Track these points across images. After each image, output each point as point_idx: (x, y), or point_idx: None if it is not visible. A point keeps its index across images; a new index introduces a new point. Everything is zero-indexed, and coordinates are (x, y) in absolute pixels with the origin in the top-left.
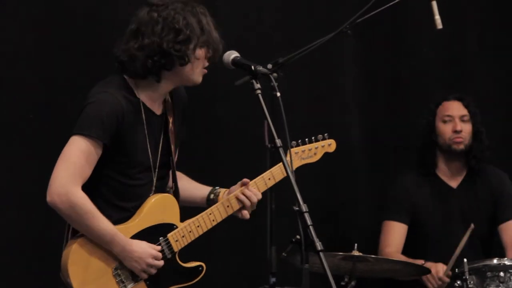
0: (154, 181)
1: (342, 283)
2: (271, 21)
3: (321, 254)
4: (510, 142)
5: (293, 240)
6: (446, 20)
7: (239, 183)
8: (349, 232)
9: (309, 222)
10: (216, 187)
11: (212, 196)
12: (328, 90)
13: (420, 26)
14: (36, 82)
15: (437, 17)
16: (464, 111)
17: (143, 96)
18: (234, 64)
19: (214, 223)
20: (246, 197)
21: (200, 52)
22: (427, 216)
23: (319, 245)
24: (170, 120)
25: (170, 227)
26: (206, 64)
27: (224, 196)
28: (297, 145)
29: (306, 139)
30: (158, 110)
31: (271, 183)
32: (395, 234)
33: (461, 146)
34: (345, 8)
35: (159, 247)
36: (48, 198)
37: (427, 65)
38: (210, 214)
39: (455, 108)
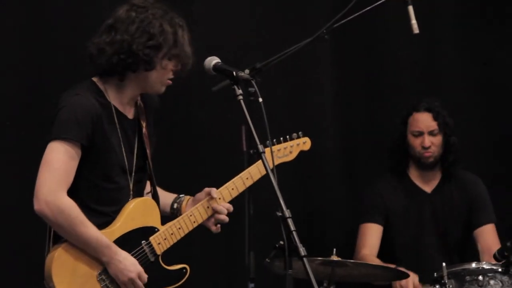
0: (131, 185)
1: None
2: (247, 26)
3: (305, 259)
4: (484, 144)
5: (277, 245)
6: (421, 22)
7: (204, 190)
8: (326, 237)
9: (292, 227)
10: (181, 195)
11: (175, 205)
12: (304, 95)
13: (395, 29)
14: (15, 87)
15: (414, 21)
16: (433, 125)
17: (113, 99)
18: (215, 70)
19: (195, 225)
20: (218, 212)
21: (168, 63)
22: (401, 220)
23: (302, 251)
24: (144, 125)
25: (152, 230)
26: (171, 76)
27: (189, 204)
28: (273, 144)
29: (281, 138)
30: (130, 114)
31: (249, 182)
32: (370, 235)
33: (431, 160)
34: (320, 12)
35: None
36: (36, 207)
37: (402, 68)
38: (191, 215)
39: (424, 122)
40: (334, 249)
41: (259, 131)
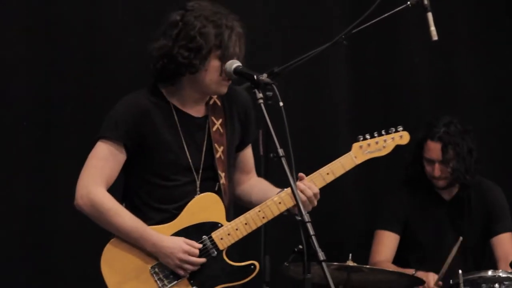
0: (198, 183)
1: None
2: (265, 30)
3: (323, 264)
4: (501, 153)
5: (296, 249)
6: (438, 31)
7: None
8: (343, 242)
9: (311, 232)
10: (285, 188)
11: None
12: (320, 101)
13: (411, 37)
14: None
15: (433, 28)
16: (442, 155)
17: (175, 100)
18: (236, 73)
19: (265, 221)
20: (300, 190)
21: (214, 64)
22: (419, 228)
23: (321, 255)
24: (217, 122)
25: (215, 225)
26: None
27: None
28: (364, 139)
29: (375, 133)
30: (196, 113)
31: (330, 178)
32: (386, 244)
33: (442, 186)
34: (337, 18)
35: (197, 245)
36: (75, 202)
37: (419, 76)
38: (260, 211)
39: (435, 152)
40: (350, 254)
41: (284, 135)
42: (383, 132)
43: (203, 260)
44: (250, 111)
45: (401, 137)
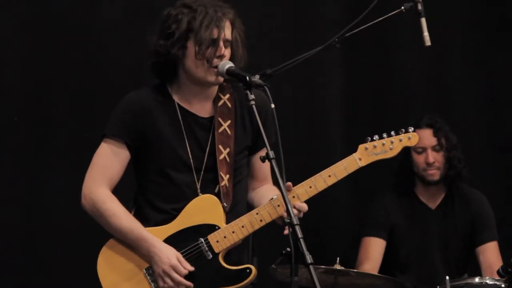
0: (198, 183)
1: None
2: (258, 31)
3: (311, 267)
4: (490, 159)
5: (283, 252)
6: (431, 36)
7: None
8: (330, 246)
9: (300, 234)
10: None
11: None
12: (311, 106)
13: (404, 41)
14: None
15: (426, 33)
16: (434, 140)
17: (180, 98)
18: (228, 74)
19: (263, 223)
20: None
21: (191, 49)
22: (405, 236)
23: (309, 258)
24: (225, 124)
25: (212, 227)
26: (204, 60)
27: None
28: (372, 140)
29: (384, 134)
30: (203, 113)
31: (332, 180)
32: (373, 249)
33: (435, 178)
34: (330, 21)
35: (189, 267)
36: (81, 203)
37: (411, 80)
38: (257, 213)
39: (426, 138)
40: (338, 258)
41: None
42: (392, 133)
43: (187, 283)
44: (267, 114)
45: (409, 138)
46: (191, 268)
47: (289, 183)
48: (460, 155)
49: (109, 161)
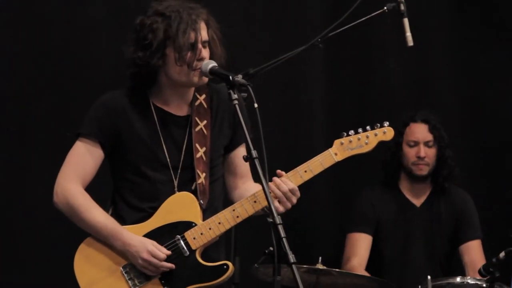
0: (176, 182)
1: None
2: (241, 31)
3: (293, 266)
4: (472, 158)
5: (266, 251)
6: (414, 36)
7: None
8: (312, 245)
9: (282, 234)
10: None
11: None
12: (294, 106)
13: (387, 41)
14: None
15: (408, 34)
16: (429, 136)
17: (155, 98)
18: (212, 74)
19: (239, 220)
20: (276, 185)
21: (171, 56)
22: (389, 232)
23: (292, 258)
24: (201, 124)
25: (189, 225)
26: (185, 65)
27: None
28: (347, 135)
29: (360, 129)
30: (179, 112)
31: (308, 176)
32: (360, 245)
33: (423, 172)
34: (313, 21)
35: (165, 250)
36: (53, 201)
37: (394, 79)
38: (234, 210)
39: (420, 132)
40: (320, 258)
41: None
42: (367, 128)
43: (168, 265)
44: (242, 112)
45: (385, 133)
46: (168, 252)
47: (280, 171)
48: (452, 155)
49: (82, 159)
